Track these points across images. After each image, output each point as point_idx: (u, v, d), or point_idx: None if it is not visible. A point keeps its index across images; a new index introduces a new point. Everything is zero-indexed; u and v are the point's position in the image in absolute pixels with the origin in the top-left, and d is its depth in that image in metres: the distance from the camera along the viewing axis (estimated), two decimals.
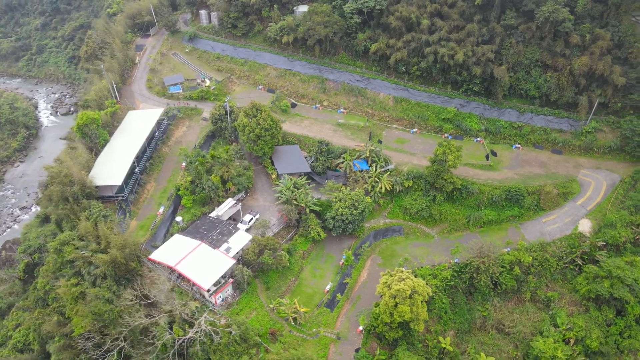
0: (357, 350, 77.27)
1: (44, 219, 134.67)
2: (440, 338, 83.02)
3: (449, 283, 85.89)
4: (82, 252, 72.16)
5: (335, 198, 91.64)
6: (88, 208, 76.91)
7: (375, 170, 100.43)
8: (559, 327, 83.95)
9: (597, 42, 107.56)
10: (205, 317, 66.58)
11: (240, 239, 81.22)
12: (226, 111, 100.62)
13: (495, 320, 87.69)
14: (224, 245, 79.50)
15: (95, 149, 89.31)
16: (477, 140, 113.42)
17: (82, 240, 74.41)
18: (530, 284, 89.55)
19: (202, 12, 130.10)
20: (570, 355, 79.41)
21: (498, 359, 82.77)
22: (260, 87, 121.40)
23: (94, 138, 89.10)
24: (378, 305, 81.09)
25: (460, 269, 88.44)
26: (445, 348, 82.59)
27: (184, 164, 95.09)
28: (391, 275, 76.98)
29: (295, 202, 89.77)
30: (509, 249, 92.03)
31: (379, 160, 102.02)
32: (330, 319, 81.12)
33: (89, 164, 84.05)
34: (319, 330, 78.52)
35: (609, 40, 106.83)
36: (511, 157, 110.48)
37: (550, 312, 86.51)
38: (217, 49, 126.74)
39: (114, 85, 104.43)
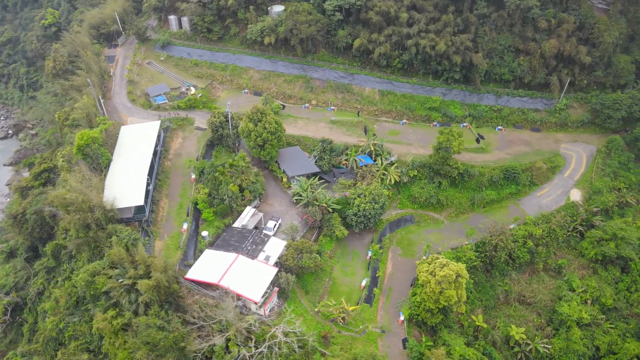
0: (404, 341, 78.62)
1: (9, 254, 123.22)
2: (473, 317, 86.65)
3: (473, 263, 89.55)
4: (120, 280, 67.10)
5: (353, 194, 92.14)
6: (115, 233, 71.47)
7: (382, 163, 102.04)
8: (575, 290, 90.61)
9: (562, 25, 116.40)
10: (280, 328, 64.70)
11: (275, 246, 79.50)
12: (227, 118, 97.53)
13: (516, 293, 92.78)
14: (262, 255, 77.45)
15: (98, 170, 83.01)
16: (463, 126, 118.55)
17: (115, 268, 69.13)
18: (542, 255, 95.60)
19: (172, 17, 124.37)
20: (593, 315, 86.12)
21: (527, 328, 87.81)
22: (245, 91, 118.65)
23: (96, 158, 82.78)
24: (416, 294, 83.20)
25: (477, 248, 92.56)
26: (478, 326, 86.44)
27: (193, 177, 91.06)
28: (429, 264, 78.99)
29: (316, 202, 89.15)
30: (512, 225, 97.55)
31: (383, 153, 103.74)
32: (372, 313, 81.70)
33: (99, 186, 78.02)
34: (365, 327, 78.91)
35: (573, 23, 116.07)
36: (497, 139, 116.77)
37: (565, 278, 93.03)
38: (193, 55, 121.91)
39: (101, 100, 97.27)
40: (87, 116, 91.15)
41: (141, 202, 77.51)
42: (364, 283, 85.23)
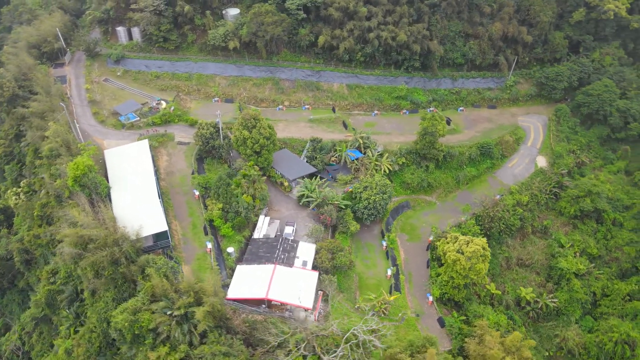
0: (439, 320, 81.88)
1: None
2: (487, 286, 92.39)
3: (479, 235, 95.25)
4: (169, 313, 62.00)
5: (357, 188, 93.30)
6: (149, 264, 65.53)
7: (373, 155, 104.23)
8: (564, 246, 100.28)
9: (503, 9, 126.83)
10: (358, 327, 64.14)
11: (306, 251, 78.48)
12: (217, 129, 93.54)
13: (515, 257, 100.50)
14: (297, 261, 76.09)
15: (98, 201, 75.39)
16: (430, 111, 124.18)
17: (157, 301, 63.58)
18: (528, 220, 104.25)
19: (120, 29, 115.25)
20: (586, 265, 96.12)
21: (532, 288, 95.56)
22: (216, 99, 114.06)
23: (94, 188, 75.08)
24: (440, 274, 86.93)
25: (477, 222, 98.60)
26: (493, 293, 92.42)
27: (197, 193, 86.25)
28: (454, 243, 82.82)
29: (328, 202, 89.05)
30: (498, 196, 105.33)
31: (371, 145, 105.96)
32: (403, 300, 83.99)
33: (109, 217, 70.89)
34: (403, 314, 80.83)
35: (512, 6, 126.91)
36: (462, 119, 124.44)
37: (552, 237, 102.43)
38: (152, 67, 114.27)
39: (77, 125, 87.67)
40: (66, 144, 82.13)
41: (165, 227, 71.98)
42: (389, 272, 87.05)
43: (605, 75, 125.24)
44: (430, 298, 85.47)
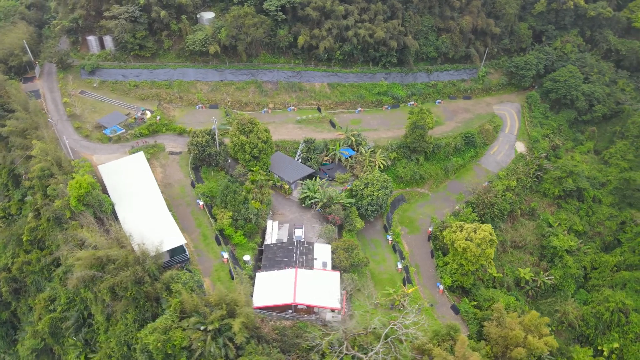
0: (452, 308, 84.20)
1: None
2: (489, 270, 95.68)
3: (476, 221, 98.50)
4: (203, 328, 59.93)
5: (357, 186, 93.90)
6: (174, 280, 62.89)
7: (367, 152, 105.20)
8: (552, 226, 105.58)
9: (471, 2, 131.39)
10: (397, 322, 64.53)
11: (323, 252, 78.26)
12: (213, 136, 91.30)
13: (509, 240, 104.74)
14: (316, 262, 75.73)
15: (103, 219, 71.64)
16: (410, 105, 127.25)
17: (186, 317, 61.25)
18: (516, 203, 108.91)
19: (91, 38, 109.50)
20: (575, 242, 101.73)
21: (529, 268, 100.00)
22: (200, 105, 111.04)
23: (99, 206, 71.24)
24: (447, 263, 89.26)
25: (473, 209, 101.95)
26: (495, 277, 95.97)
27: (201, 203, 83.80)
28: (461, 231, 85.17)
29: (334, 201, 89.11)
30: (486, 183, 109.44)
31: (363, 142, 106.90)
32: (416, 291, 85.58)
33: (122, 235, 67.48)
34: (419, 305, 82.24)
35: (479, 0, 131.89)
36: (442, 111, 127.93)
37: (540, 218, 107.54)
38: (130, 76, 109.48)
39: (66, 141, 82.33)
40: (57, 162, 77.34)
41: (183, 241, 69.44)
42: (399, 266, 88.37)
43: (568, 62, 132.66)
44: (441, 287, 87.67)
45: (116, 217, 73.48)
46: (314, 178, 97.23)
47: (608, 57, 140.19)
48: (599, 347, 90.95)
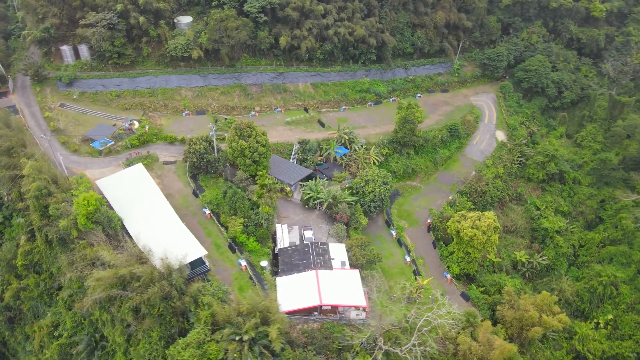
0: (463, 295, 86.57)
1: None
2: (488, 255, 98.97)
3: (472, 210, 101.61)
4: (239, 338, 58.52)
5: (358, 183, 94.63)
6: (201, 292, 60.98)
7: (360, 149, 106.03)
8: (540, 208, 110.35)
9: None
10: (432, 314, 65.37)
11: (338, 251, 78.36)
12: (210, 142, 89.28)
13: (502, 225, 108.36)
14: (334, 262, 75.73)
15: (114, 235, 68.52)
16: (393, 100, 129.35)
17: (218, 329, 59.60)
18: (504, 190, 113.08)
19: (65, 48, 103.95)
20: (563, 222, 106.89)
21: (524, 251, 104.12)
22: (186, 112, 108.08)
23: (108, 223, 68.07)
24: (453, 252, 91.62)
25: (467, 198, 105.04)
26: (494, 261, 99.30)
27: (207, 212, 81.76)
28: (465, 220, 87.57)
29: (339, 200, 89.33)
30: (474, 172, 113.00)
31: (355, 139, 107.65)
32: (429, 283, 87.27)
33: (137, 251, 64.76)
34: (432, 296, 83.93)
35: None
36: (424, 105, 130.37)
37: (528, 202, 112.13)
38: (110, 86, 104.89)
39: (60, 158, 77.67)
40: (53, 180, 73.23)
41: (204, 252, 67.47)
42: (408, 259, 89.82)
43: (536, 52, 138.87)
44: (449, 276, 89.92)
45: (126, 233, 70.54)
46: (312, 179, 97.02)
47: (570, 45, 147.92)
48: (595, 320, 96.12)
